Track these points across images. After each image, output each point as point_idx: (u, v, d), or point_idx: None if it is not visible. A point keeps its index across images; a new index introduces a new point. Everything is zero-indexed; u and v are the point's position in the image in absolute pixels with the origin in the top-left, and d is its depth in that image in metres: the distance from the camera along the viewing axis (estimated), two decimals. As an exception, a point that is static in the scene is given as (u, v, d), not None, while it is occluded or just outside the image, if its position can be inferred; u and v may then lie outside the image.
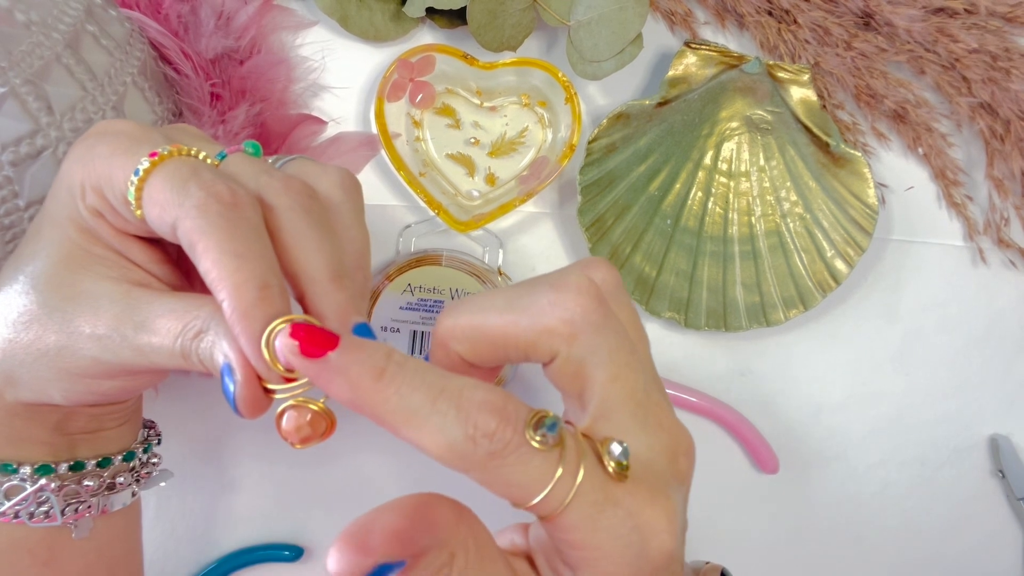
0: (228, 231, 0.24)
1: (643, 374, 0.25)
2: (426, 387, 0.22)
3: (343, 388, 0.22)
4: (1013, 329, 0.47)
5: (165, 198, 0.24)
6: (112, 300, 0.26)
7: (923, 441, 0.47)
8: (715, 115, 0.44)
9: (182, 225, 0.24)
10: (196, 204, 0.24)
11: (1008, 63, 0.43)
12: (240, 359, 0.24)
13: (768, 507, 0.47)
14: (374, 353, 0.22)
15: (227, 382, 0.24)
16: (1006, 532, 0.47)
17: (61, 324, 0.26)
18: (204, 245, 0.23)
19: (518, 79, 0.45)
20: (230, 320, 0.23)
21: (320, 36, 0.45)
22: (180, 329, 0.25)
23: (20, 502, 0.29)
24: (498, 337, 0.25)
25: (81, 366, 0.27)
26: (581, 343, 0.24)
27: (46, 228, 0.28)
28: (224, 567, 0.45)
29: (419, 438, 0.21)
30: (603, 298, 0.25)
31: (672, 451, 0.25)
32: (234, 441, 0.45)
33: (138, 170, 0.25)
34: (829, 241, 0.45)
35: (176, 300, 0.26)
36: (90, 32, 0.35)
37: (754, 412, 0.46)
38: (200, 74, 0.40)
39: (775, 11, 0.45)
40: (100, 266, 0.27)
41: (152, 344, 0.26)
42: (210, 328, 0.25)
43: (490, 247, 0.45)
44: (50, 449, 0.30)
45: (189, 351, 0.25)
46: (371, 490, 0.46)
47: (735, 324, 0.45)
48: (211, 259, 0.23)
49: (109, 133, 0.27)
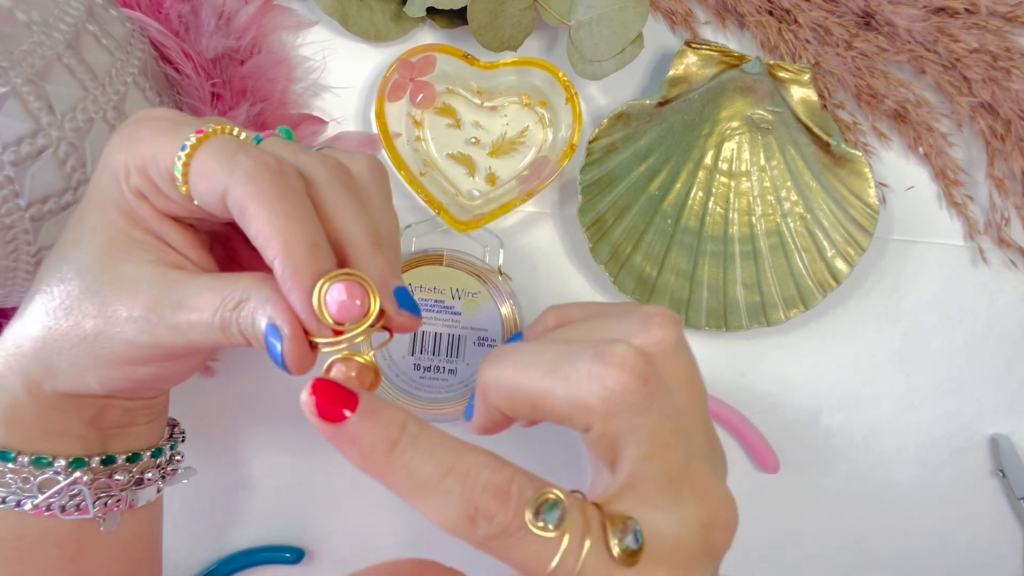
0: (277, 196, 0.25)
1: (683, 450, 0.24)
2: (435, 462, 0.22)
3: (355, 457, 0.23)
4: (1013, 329, 0.47)
5: (214, 169, 0.25)
6: (150, 282, 0.27)
7: (923, 441, 0.47)
8: (716, 115, 0.44)
9: (233, 192, 0.25)
10: (245, 171, 0.25)
11: (1008, 63, 0.43)
12: (287, 315, 0.25)
13: (768, 507, 0.47)
14: (389, 424, 0.23)
15: (272, 342, 0.25)
16: (1006, 532, 0.47)
17: (100, 308, 0.27)
18: (255, 208, 0.24)
19: (518, 79, 0.45)
20: (282, 277, 0.24)
21: (320, 36, 0.45)
22: (219, 303, 0.26)
23: (53, 495, 0.29)
24: (536, 400, 0.25)
25: (118, 351, 0.27)
26: (617, 422, 0.24)
27: (89, 214, 0.28)
28: (225, 569, 0.45)
29: (424, 510, 0.22)
30: (648, 375, 0.24)
31: (706, 525, 0.24)
32: (235, 443, 0.45)
33: (185, 145, 0.25)
34: (830, 241, 0.45)
35: (212, 279, 0.27)
36: (91, 32, 0.35)
37: (754, 412, 0.46)
38: (201, 74, 0.40)
39: (776, 11, 0.45)
40: (140, 250, 0.28)
41: (191, 320, 0.26)
42: (250, 297, 0.25)
43: (490, 247, 0.45)
44: (84, 443, 0.30)
45: (229, 322, 0.26)
46: (372, 492, 0.46)
47: (735, 324, 0.45)
48: (262, 220, 0.24)
49: (151, 118, 0.28)
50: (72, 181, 0.34)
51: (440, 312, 0.44)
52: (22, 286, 0.35)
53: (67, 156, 0.33)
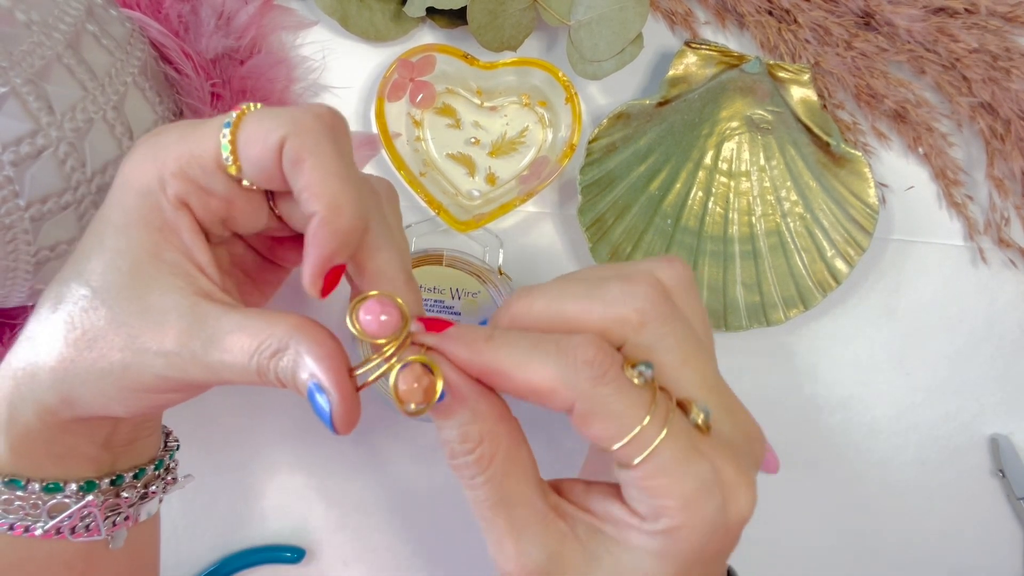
0: (335, 155, 0.25)
1: (713, 363, 0.26)
2: (527, 340, 0.25)
3: (462, 349, 0.25)
4: (1013, 329, 0.47)
5: (267, 126, 0.25)
6: (179, 314, 0.26)
7: (923, 441, 0.47)
8: (715, 115, 0.44)
9: (292, 141, 0.24)
10: (303, 123, 0.25)
11: (1008, 63, 0.43)
12: (334, 377, 0.25)
13: (768, 507, 0.47)
14: (480, 328, 0.26)
15: (319, 401, 0.25)
16: (1006, 532, 0.47)
17: (127, 341, 0.26)
18: (312, 162, 0.24)
19: (518, 79, 0.45)
20: (317, 231, 0.24)
21: (320, 36, 0.45)
22: (255, 347, 0.25)
23: (64, 519, 0.29)
24: (572, 322, 0.26)
25: (146, 383, 0.26)
26: (649, 331, 0.25)
27: (110, 238, 0.27)
28: (225, 569, 0.45)
29: (529, 375, 0.24)
30: (669, 294, 0.26)
31: (749, 435, 0.26)
32: (235, 443, 0.45)
33: (228, 123, 0.25)
34: (829, 241, 0.45)
35: (245, 317, 0.26)
36: (91, 32, 0.35)
37: (754, 412, 0.46)
38: (200, 74, 0.40)
39: (775, 11, 0.45)
40: (168, 276, 0.26)
41: (224, 362, 0.25)
42: (289, 347, 0.25)
43: (490, 247, 0.45)
44: (95, 464, 0.30)
45: (266, 369, 0.25)
46: (372, 492, 0.46)
47: (735, 324, 0.45)
48: (316, 175, 0.24)
49: (167, 127, 0.27)
50: (72, 181, 0.34)
51: (440, 312, 0.44)
52: (21, 286, 0.35)
53: (67, 156, 0.33)
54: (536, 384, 0.24)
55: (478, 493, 0.26)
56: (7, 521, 0.28)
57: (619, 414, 0.23)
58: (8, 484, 0.28)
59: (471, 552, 0.45)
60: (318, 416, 0.25)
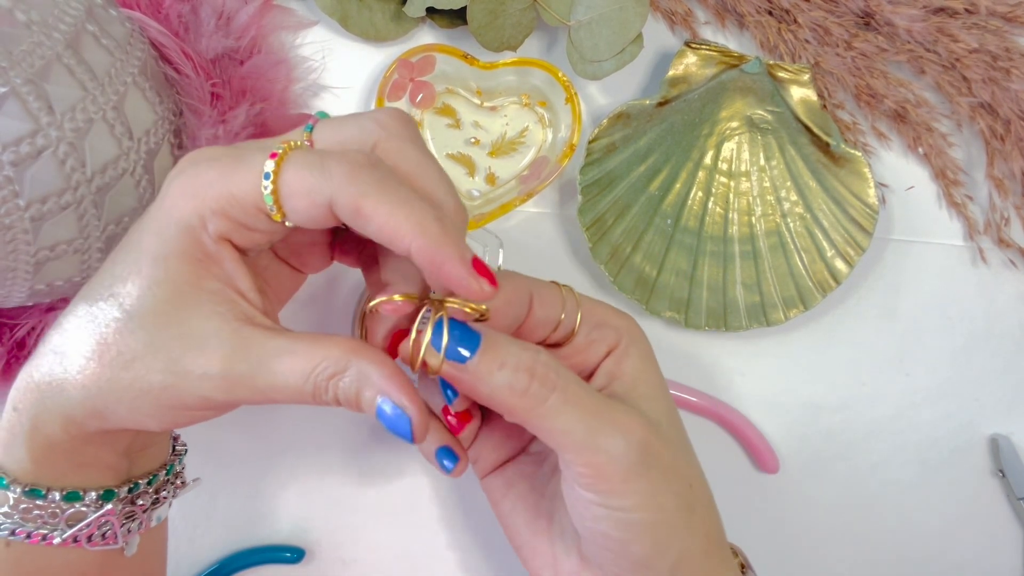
0: (386, 186, 0.25)
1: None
2: None
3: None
4: (1013, 329, 0.47)
5: (310, 184, 0.25)
6: (221, 339, 0.26)
7: (923, 441, 0.47)
8: (715, 115, 0.44)
9: (341, 197, 0.25)
10: (345, 174, 0.25)
11: (1008, 63, 0.43)
12: (408, 395, 0.26)
13: (768, 507, 0.47)
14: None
15: (389, 414, 0.26)
16: (1006, 532, 0.47)
17: (167, 364, 0.26)
18: (372, 206, 0.25)
19: (518, 79, 0.45)
20: (431, 257, 0.25)
21: (320, 36, 0.45)
22: (310, 369, 0.26)
23: (82, 527, 0.29)
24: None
25: (188, 403, 0.27)
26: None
27: (148, 266, 0.27)
28: (225, 569, 0.45)
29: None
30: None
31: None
32: (235, 443, 0.45)
33: (268, 174, 0.25)
34: (829, 241, 0.45)
35: (291, 341, 0.26)
36: (91, 32, 0.35)
37: (754, 412, 0.47)
38: (200, 74, 0.40)
39: (775, 11, 0.45)
40: (209, 303, 0.27)
41: (274, 384, 0.26)
42: (349, 368, 0.26)
43: (490, 247, 0.45)
44: (114, 472, 0.30)
45: (323, 390, 0.26)
46: (372, 492, 0.46)
47: (735, 324, 0.45)
48: (383, 215, 0.25)
49: (206, 159, 0.27)
50: (71, 181, 0.34)
51: None
52: (21, 286, 0.35)
53: (66, 156, 0.33)
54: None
55: (566, 398, 0.27)
56: (25, 530, 0.28)
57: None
58: (28, 493, 0.28)
59: (471, 552, 0.45)
60: (393, 431, 0.26)
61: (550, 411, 0.27)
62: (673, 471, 0.29)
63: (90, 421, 0.28)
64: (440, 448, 0.30)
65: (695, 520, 0.29)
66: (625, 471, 0.27)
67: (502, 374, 0.27)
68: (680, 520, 0.28)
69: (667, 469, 0.28)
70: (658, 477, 0.28)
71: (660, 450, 0.28)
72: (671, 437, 0.30)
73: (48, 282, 0.35)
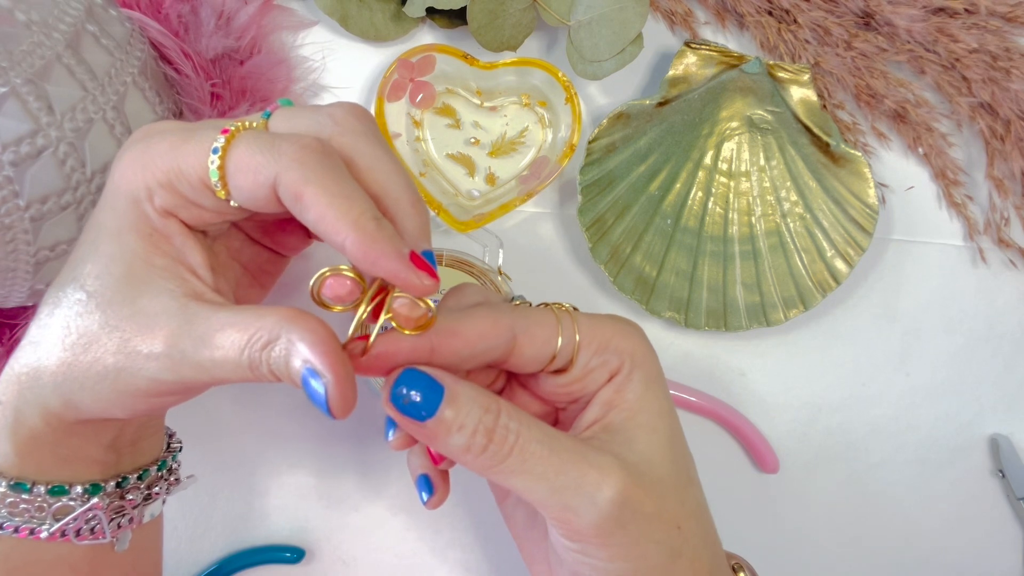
0: (331, 177, 0.25)
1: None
2: None
3: None
4: (1013, 329, 0.47)
5: (257, 162, 0.25)
6: (168, 316, 0.26)
7: (923, 441, 0.47)
8: (715, 115, 0.44)
9: (285, 178, 0.24)
10: (292, 158, 0.24)
11: (1008, 63, 0.43)
12: (328, 359, 0.24)
13: (768, 507, 0.47)
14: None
15: (314, 388, 0.24)
16: (1006, 532, 0.47)
17: (119, 345, 0.26)
18: (313, 192, 0.24)
19: (518, 79, 0.45)
20: (363, 252, 0.24)
21: (320, 36, 0.45)
22: (245, 341, 0.25)
23: (69, 522, 0.29)
24: None
25: (141, 387, 0.26)
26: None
27: (104, 243, 0.27)
28: (225, 569, 0.45)
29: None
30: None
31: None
32: (234, 442, 0.45)
33: (216, 148, 0.25)
34: (829, 241, 0.45)
35: (233, 313, 0.26)
36: (91, 32, 0.35)
37: (754, 412, 0.46)
38: (200, 74, 0.40)
39: (775, 11, 0.45)
40: (159, 279, 0.26)
41: (215, 359, 0.25)
42: (280, 336, 0.25)
43: (490, 247, 0.45)
44: (100, 466, 0.30)
45: (258, 362, 0.25)
46: (373, 492, 0.46)
47: (735, 324, 0.45)
48: (322, 204, 0.24)
49: (158, 132, 0.27)
50: (71, 181, 0.34)
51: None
52: (21, 286, 0.35)
53: (66, 156, 0.33)
54: None
55: (524, 458, 0.26)
56: (12, 524, 0.28)
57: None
58: (14, 487, 0.28)
59: (471, 552, 0.45)
60: (314, 403, 0.25)
61: (508, 471, 0.26)
62: (657, 518, 0.27)
63: (66, 411, 0.27)
64: (420, 476, 0.29)
65: (680, 565, 0.28)
66: (597, 528, 0.26)
67: (461, 435, 0.26)
68: (662, 568, 0.27)
69: (649, 518, 0.27)
70: (637, 529, 0.27)
71: (640, 500, 0.27)
72: (660, 478, 0.28)
73: (48, 282, 0.35)
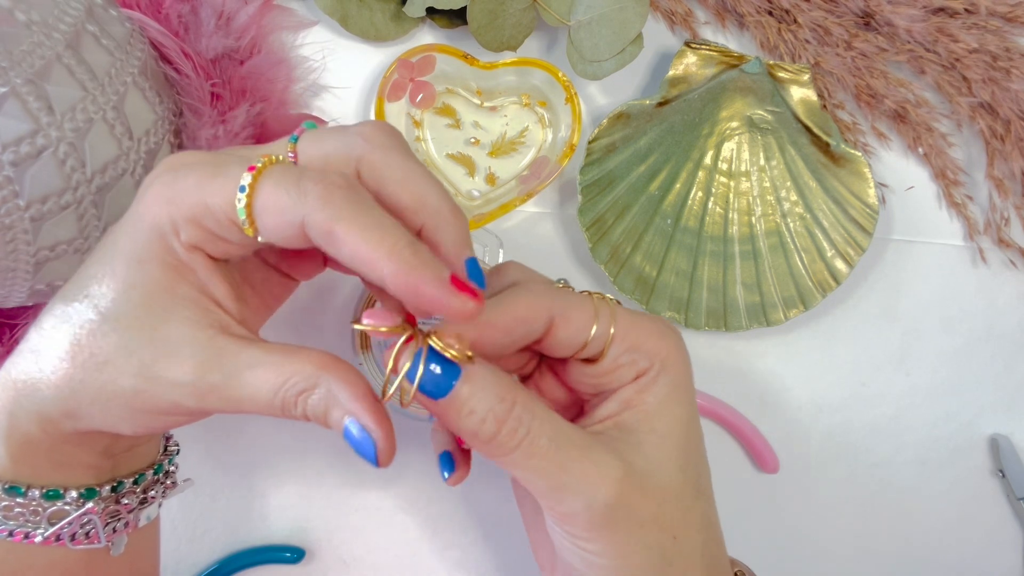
0: (360, 210, 0.24)
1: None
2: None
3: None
4: (1013, 329, 0.47)
5: (284, 202, 0.24)
6: (194, 347, 0.26)
7: (923, 441, 0.47)
8: (715, 115, 0.44)
9: (313, 219, 0.24)
10: (319, 196, 0.24)
11: (1008, 63, 0.43)
12: (374, 417, 0.25)
13: (768, 507, 0.47)
14: None
15: (355, 435, 0.25)
16: (1006, 532, 0.47)
17: (139, 368, 0.26)
18: (344, 229, 0.24)
19: (518, 79, 0.45)
20: (405, 282, 0.24)
21: (320, 36, 0.45)
22: (280, 384, 0.25)
23: (64, 526, 0.29)
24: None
25: (160, 407, 0.26)
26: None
27: (122, 268, 0.27)
28: (225, 569, 0.45)
29: None
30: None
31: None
32: (234, 443, 0.45)
33: (243, 187, 0.25)
34: (829, 241, 0.45)
35: (265, 353, 0.26)
36: (91, 32, 0.35)
37: (754, 412, 0.46)
38: (200, 74, 0.40)
39: (775, 11, 0.45)
40: (183, 310, 0.26)
41: (244, 396, 0.26)
42: (319, 386, 0.25)
43: (490, 247, 0.45)
44: (95, 472, 0.30)
45: (291, 405, 0.26)
46: (372, 491, 0.46)
47: (735, 324, 0.45)
48: (355, 238, 0.24)
49: (183, 166, 0.27)
50: (71, 181, 0.34)
51: None
52: (21, 286, 0.35)
53: (66, 156, 0.33)
54: None
55: (531, 453, 0.26)
56: (7, 528, 0.28)
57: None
58: (8, 491, 0.28)
59: (471, 552, 0.45)
60: (358, 452, 0.26)
61: (514, 462, 0.27)
62: (653, 524, 0.28)
63: (64, 421, 0.27)
64: (443, 452, 0.30)
65: (670, 574, 0.28)
66: (588, 524, 0.27)
67: (471, 420, 0.26)
68: (650, 573, 0.28)
69: (643, 523, 0.27)
70: (627, 532, 0.27)
71: (636, 503, 0.27)
72: (663, 484, 0.28)
73: (48, 282, 0.35)
